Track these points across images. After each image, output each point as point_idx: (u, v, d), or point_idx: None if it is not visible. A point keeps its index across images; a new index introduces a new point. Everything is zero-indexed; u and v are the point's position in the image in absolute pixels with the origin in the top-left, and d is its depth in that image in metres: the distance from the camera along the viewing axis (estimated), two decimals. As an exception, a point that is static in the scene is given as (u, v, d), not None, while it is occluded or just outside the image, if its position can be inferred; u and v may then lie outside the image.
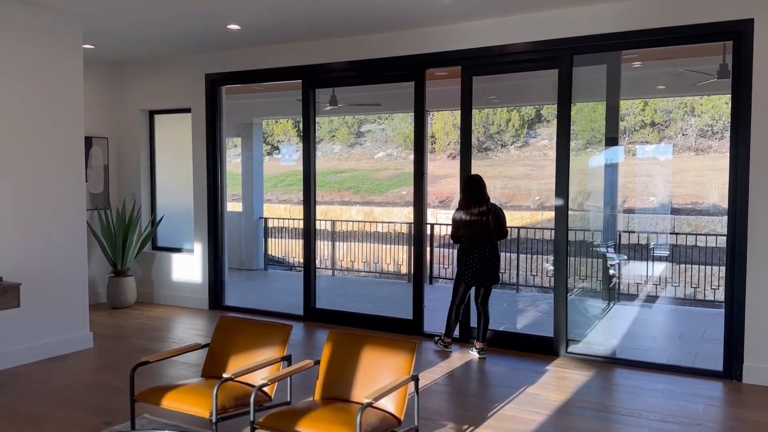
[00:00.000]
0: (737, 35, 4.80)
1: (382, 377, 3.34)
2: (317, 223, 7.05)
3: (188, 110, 7.47)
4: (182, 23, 5.88)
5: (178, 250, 7.84)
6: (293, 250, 11.46)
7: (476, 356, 5.52)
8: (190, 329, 6.62)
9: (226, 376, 3.37)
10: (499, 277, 5.63)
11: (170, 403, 3.41)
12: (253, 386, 3.39)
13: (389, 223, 12.32)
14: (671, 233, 13.21)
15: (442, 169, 20.23)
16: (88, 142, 7.33)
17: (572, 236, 5.79)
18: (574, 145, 5.64)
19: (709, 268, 8.72)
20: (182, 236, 7.82)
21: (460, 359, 5.50)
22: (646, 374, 5.09)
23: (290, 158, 22.87)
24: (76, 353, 5.62)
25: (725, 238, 5.04)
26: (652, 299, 8.71)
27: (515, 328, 6.88)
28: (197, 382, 3.65)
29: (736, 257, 4.88)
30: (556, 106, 5.54)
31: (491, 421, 4.11)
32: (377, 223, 12.51)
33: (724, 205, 13.16)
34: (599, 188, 7.00)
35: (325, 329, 6.01)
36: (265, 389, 3.50)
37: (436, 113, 19.72)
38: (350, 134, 23.28)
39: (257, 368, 3.52)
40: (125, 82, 7.86)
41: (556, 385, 4.85)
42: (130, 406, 3.57)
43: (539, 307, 7.86)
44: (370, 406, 3.00)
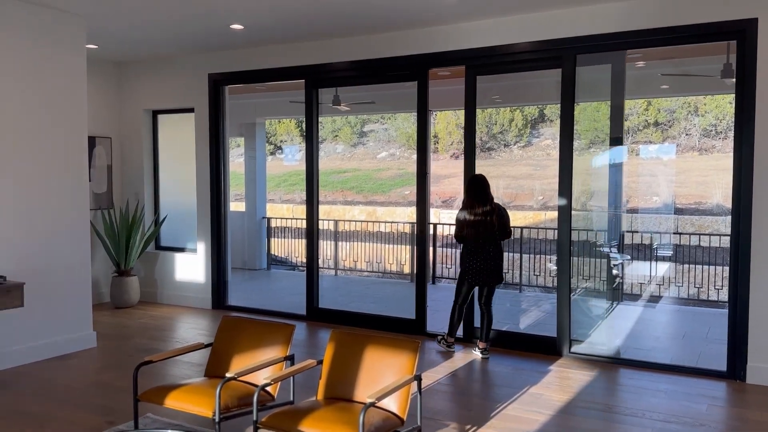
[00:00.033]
0: (741, 35, 4.78)
1: (385, 377, 3.34)
2: (320, 222, 7.06)
3: (191, 110, 7.48)
4: (185, 23, 5.89)
5: (181, 249, 7.85)
6: (296, 249, 11.46)
7: (479, 356, 5.52)
8: (193, 329, 6.63)
9: (229, 375, 3.37)
10: (502, 277, 5.62)
11: (173, 402, 3.41)
12: (256, 386, 3.39)
13: (392, 222, 12.31)
14: (675, 233, 13.19)
15: (444, 168, 20.22)
16: (91, 141, 7.35)
17: (575, 236, 5.78)
18: (577, 144, 5.63)
19: (712, 268, 8.70)
20: (185, 236, 7.83)
21: (463, 359, 5.50)
22: (649, 374, 5.08)
23: (293, 158, 22.88)
24: (79, 353, 5.63)
25: (729, 238, 5.03)
26: (655, 299, 8.69)
27: (518, 328, 6.88)
28: (200, 381, 3.65)
29: (739, 257, 4.86)
30: (559, 105, 5.54)
31: (494, 421, 4.11)
32: (380, 222, 12.50)
33: (727, 205, 13.13)
34: (602, 188, 6.99)
35: (327, 329, 6.02)
36: (268, 389, 3.50)
37: (439, 113, 19.71)
38: (353, 134, 23.29)
39: (260, 368, 3.52)
40: (128, 82, 7.87)
41: (559, 385, 4.85)
42: (133, 405, 3.57)
43: (542, 307, 7.85)
44: (373, 405, 3.00)
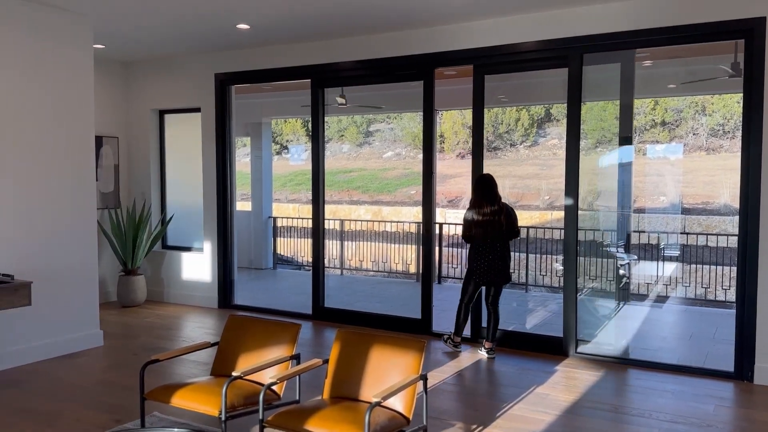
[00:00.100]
0: (749, 33, 4.76)
1: (390, 376, 3.34)
2: (326, 222, 7.06)
3: (198, 110, 7.50)
4: (192, 23, 5.90)
5: (187, 249, 7.88)
6: (302, 249, 11.48)
7: (485, 356, 5.51)
8: (199, 328, 6.65)
9: (235, 374, 3.38)
10: (510, 276, 5.61)
11: (180, 401, 3.42)
12: (262, 385, 3.39)
13: (398, 222, 12.31)
14: (682, 233, 13.13)
15: (451, 168, 20.20)
16: (98, 141, 7.37)
17: (582, 236, 5.76)
18: (583, 144, 5.61)
19: (720, 268, 8.66)
20: (192, 235, 7.86)
21: (469, 359, 5.49)
22: (656, 375, 5.06)
23: (299, 158, 22.92)
24: (86, 351, 5.65)
25: (736, 238, 5.00)
26: (662, 299, 8.66)
27: (524, 328, 6.86)
28: (206, 380, 3.67)
29: (747, 257, 4.84)
30: (565, 105, 5.52)
31: (500, 420, 4.10)
32: (386, 222, 12.51)
33: (735, 204, 13.06)
34: (609, 188, 6.96)
35: (333, 328, 6.03)
36: (274, 388, 3.50)
37: (445, 112, 19.70)
38: (359, 134, 23.30)
39: (266, 367, 3.53)
40: (135, 81, 7.90)
41: (565, 385, 4.84)
42: (140, 403, 3.59)
43: (549, 307, 7.83)
44: (378, 405, 3.00)
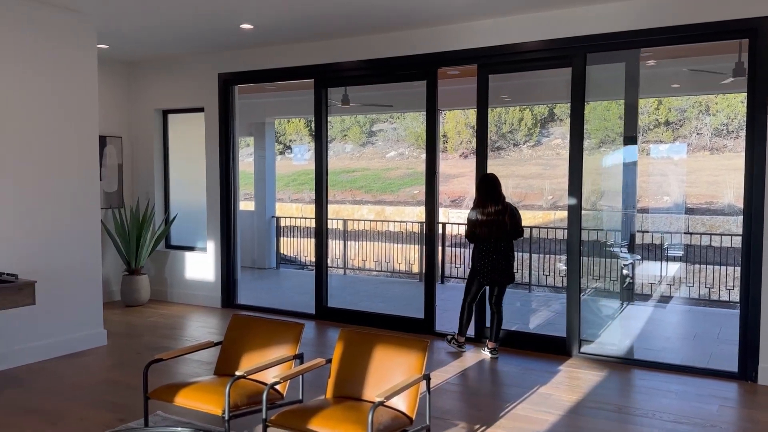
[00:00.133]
0: (753, 33, 4.74)
1: (393, 376, 3.34)
2: (329, 222, 7.06)
3: (201, 110, 7.51)
4: (195, 23, 5.91)
5: (191, 248, 7.89)
6: (305, 248, 11.49)
7: (488, 356, 5.51)
8: (202, 327, 6.66)
9: (238, 373, 3.38)
10: (513, 276, 5.60)
11: (183, 400, 3.43)
12: (265, 384, 3.40)
13: (401, 222, 12.31)
14: (685, 233, 13.11)
15: (454, 168, 20.20)
16: (102, 141, 7.39)
17: (585, 236, 5.76)
18: (587, 144, 5.61)
19: (723, 268, 8.64)
20: (195, 235, 7.87)
21: (472, 359, 5.49)
22: (659, 375, 5.05)
23: (302, 157, 22.94)
24: (90, 350, 5.67)
25: (740, 238, 4.99)
26: (666, 299, 8.65)
27: (528, 327, 6.85)
28: (210, 379, 3.67)
29: (751, 257, 4.83)
30: (569, 104, 5.51)
31: (503, 420, 4.10)
32: (389, 222, 12.51)
33: (739, 204, 13.02)
34: (612, 188, 6.95)
35: (336, 328, 6.03)
36: (277, 387, 3.51)
37: (448, 112, 19.70)
38: (362, 133, 23.31)
39: (269, 366, 3.53)
40: (139, 81, 7.92)
41: (568, 385, 4.83)
42: (143, 403, 3.59)
43: (552, 307, 7.83)
44: (381, 404, 3.00)
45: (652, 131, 17.59)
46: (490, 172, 5.66)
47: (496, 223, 5.41)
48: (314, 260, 7.03)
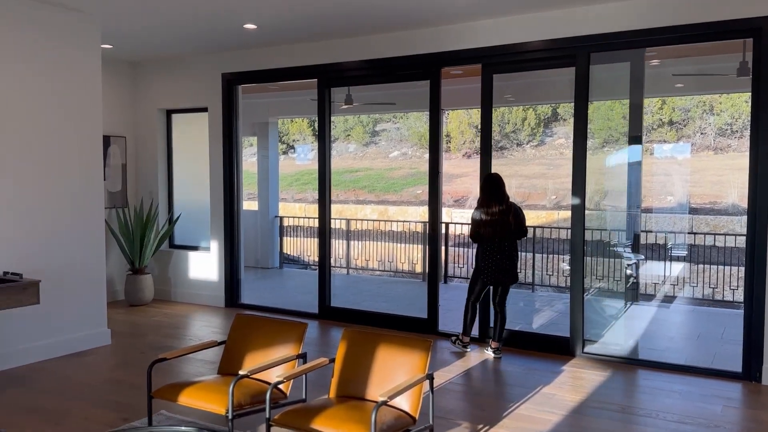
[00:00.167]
0: (757, 32, 4.73)
1: (397, 376, 3.34)
2: (332, 221, 7.07)
3: (205, 109, 7.52)
4: (199, 23, 5.92)
5: (194, 248, 7.90)
6: (308, 248, 11.49)
7: (492, 356, 5.50)
8: (206, 327, 6.67)
9: (242, 373, 3.38)
10: (517, 276, 5.59)
11: (187, 399, 3.43)
12: (268, 383, 3.41)
13: (404, 222, 12.31)
14: (689, 233, 13.08)
15: (457, 168, 20.20)
16: (106, 141, 7.41)
17: (589, 236, 5.75)
18: (590, 143, 5.60)
19: (727, 268, 8.62)
20: (199, 234, 7.88)
21: (475, 359, 5.49)
22: (663, 375, 5.04)
23: (305, 157, 22.96)
24: (94, 350, 5.68)
25: (744, 238, 4.98)
26: (669, 299, 8.63)
27: (531, 327, 6.85)
28: (213, 379, 3.68)
29: (755, 257, 4.81)
30: (572, 104, 5.50)
31: (506, 420, 4.10)
32: (392, 222, 12.51)
33: (743, 204, 13.00)
34: (616, 187, 6.94)
35: (339, 327, 6.04)
36: (280, 387, 3.51)
37: (451, 112, 19.69)
38: (365, 133, 23.31)
39: (273, 366, 3.54)
40: (143, 81, 7.93)
41: (572, 385, 4.83)
42: (147, 402, 3.60)
43: (555, 306, 7.82)
44: (385, 404, 3.00)
45: (655, 131, 17.56)
46: (494, 171, 5.66)
47: (500, 222, 5.41)
48: (317, 260, 7.03)
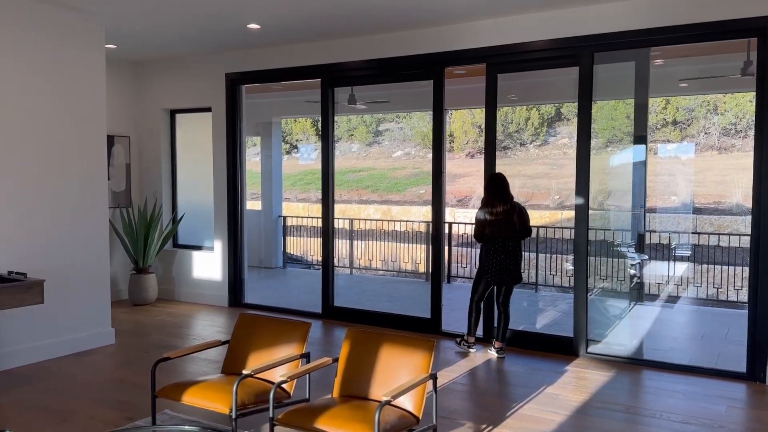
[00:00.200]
0: (761, 32, 4.72)
1: (400, 375, 3.34)
2: (335, 221, 7.07)
3: (209, 109, 7.53)
4: (203, 23, 5.93)
5: (198, 247, 7.91)
6: (311, 248, 11.50)
7: (495, 356, 5.50)
8: (210, 326, 6.68)
9: (245, 372, 3.39)
10: (521, 276, 5.58)
11: (190, 399, 3.44)
12: (272, 383, 3.41)
13: (407, 221, 12.30)
14: (693, 233, 13.04)
15: (460, 167, 20.18)
16: (110, 140, 7.42)
17: (592, 236, 5.74)
18: (594, 143, 5.59)
19: (732, 268, 8.60)
20: (203, 234, 7.89)
21: (479, 359, 5.48)
22: (667, 375, 5.03)
23: (309, 157, 22.96)
24: (98, 349, 5.69)
25: (749, 237, 4.96)
26: (673, 299, 8.61)
27: (534, 327, 6.84)
28: (217, 378, 3.69)
29: (760, 257, 4.80)
30: (576, 104, 5.49)
31: (510, 420, 4.09)
32: (395, 221, 12.51)
33: (747, 204, 12.95)
34: (620, 187, 6.93)
35: (343, 327, 6.04)
36: (284, 386, 3.51)
37: (454, 112, 19.67)
38: (368, 133, 23.31)
39: (276, 365, 3.54)
40: (147, 81, 7.95)
41: (575, 385, 4.82)
42: (151, 401, 3.61)
43: (559, 306, 7.81)
44: (388, 404, 3.00)
45: (659, 130, 17.51)
46: (498, 171, 5.65)
47: (504, 222, 5.40)
48: (321, 260, 7.04)
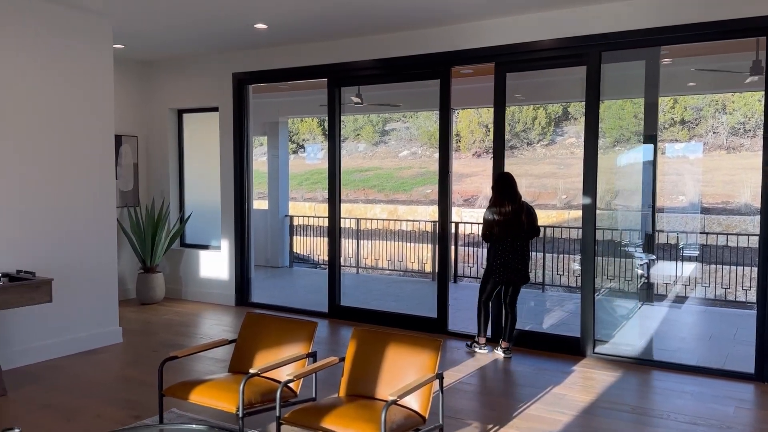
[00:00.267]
0: (771, 30, 4.69)
1: (406, 375, 3.34)
2: (342, 221, 7.08)
3: (216, 109, 7.55)
4: (210, 23, 5.94)
5: (205, 247, 7.93)
6: (318, 247, 11.51)
7: (502, 356, 5.49)
8: (217, 325, 6.70)
9: (252, 371, 3.40)
10: (528, 276, 5.57)
11: (198, 397, 3.45)
12: (279, 382, 3.42)
13: (414, 221, 12.30)
14: (701, 233, 12.98)
15: (467, 167, 20.15)
16: (118, 140, 7.45)
17: (600, 235, 5.72)
18: (602, 143, 5.57)
19: (740, 268, 8.55)
20: (210, 233, 7.92)
21: (485, 359, 5.47)
22: (675, 375, 5.01)
23: (315, 157, 22.99)
24: (106, 348, 5.72)
25: (757, 238, 4.93)
26: (681, 300, 8.57)
27: (541, 327, 6.83)
28: (224, 377, 3.69)
29: (769, 257, 4.77)
30: (583, 103, 5.48)
31: (516, 420, 4.09)
32: (402, 221, 12.51)
33: (756, 204, 12.88)
34: (627, 187, 6.90)
35: (349, 327, 6.04)
36: (290, 385, 3.52)
37: (461, 111, 19.65)
38: (375, 133, 23.31)
39: (283, 364, 3.55)
40: (154, 81, 7.97)
41: (582, 385, 4.81)
42: (158, 400, 3.62)
43: (566, 306, 7.79)
44: (394, 403, 3.00)
45: (667, 130, 17.43)
46: (506, 170, 5.64)
47: (512, 222, 5.38)
48: (327, 259, 7.05)
